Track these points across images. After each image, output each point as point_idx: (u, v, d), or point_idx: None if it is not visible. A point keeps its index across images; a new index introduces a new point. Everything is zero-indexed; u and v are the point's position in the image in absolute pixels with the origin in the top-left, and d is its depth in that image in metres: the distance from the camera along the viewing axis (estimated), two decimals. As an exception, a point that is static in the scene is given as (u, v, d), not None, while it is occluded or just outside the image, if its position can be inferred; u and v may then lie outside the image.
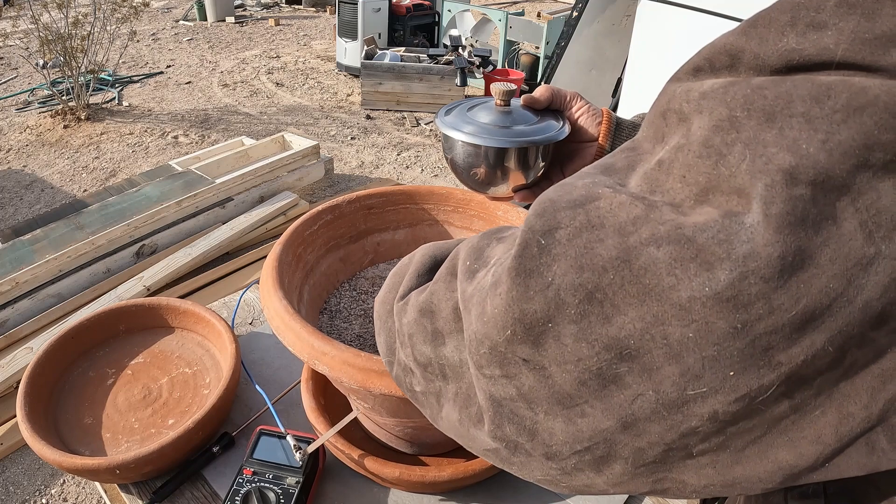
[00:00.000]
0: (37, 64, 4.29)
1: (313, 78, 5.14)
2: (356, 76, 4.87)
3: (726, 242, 0.22)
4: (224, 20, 7.04)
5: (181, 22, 6.99)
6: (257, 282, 0.69)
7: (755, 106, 0.23)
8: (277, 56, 5.75)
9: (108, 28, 4.12)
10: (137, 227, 2.45)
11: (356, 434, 0.74)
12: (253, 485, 0.65)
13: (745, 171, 0.22)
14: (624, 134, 0.63)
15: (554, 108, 0.66)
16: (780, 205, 0.21)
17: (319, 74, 5.23)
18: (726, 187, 0.23)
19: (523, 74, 4.51)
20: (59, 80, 4.33)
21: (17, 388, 0.74)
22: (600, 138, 0.63)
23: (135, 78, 5.02)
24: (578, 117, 0.65)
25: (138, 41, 5.92)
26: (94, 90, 4.53)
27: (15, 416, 1.56)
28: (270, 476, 0.66)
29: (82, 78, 4.05)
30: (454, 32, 4.54)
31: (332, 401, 0.76)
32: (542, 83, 3.04)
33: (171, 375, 0.81)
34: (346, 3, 4.73)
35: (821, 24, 0.22)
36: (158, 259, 2.43)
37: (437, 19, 5.17)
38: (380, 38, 4.82)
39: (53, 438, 0.70)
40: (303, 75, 5.20)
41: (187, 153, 3.57)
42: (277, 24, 6.97)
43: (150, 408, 0.77)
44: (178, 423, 0.74)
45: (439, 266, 0.40)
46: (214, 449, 0.72)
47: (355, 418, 0.68)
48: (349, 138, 3.98)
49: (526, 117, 0.63)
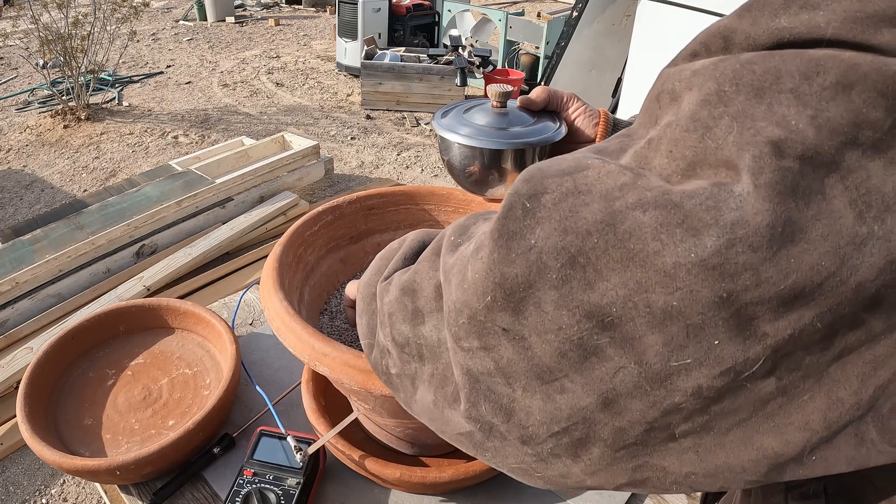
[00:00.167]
0: (37, 64, 4.29)
1: (313, 78, 5.14)
2: (356, 76, 4.87)
3: (714, 209, 0.21)
4: (224, 20, 7.04)
5: (181, 22, 6.99)
6: (257, 282, 0.69)
7: (744, 81, 0.23)
8: (277, 56, 5.75)
9: (108, 28, 4.12)
10: (137, 227, 2.45)
11: (357, 435, 0.73)
12: (253, 486, 0.65)
13: (733, 143, 0.22)
14: None
15: (550, 110, 0.66)
16: (769, 174, 0.21)
17: (319, 74, 5.23)
18: (713, 160, 0.23)
19: (523, 74, 4.51)
20: (59, 80, 4.33)
21: (17, 388, 0.74)
22: (597, 139, 0.63)
23: (135, 78, 5.02)
24: (575, 118, 0.65)
25: (138, 41, 5.92)
26: (94, 90, 4.53)
27: (15, 417, 1.56)
28: (271, 477, 0.66)
29: (82, 78, 4.05)
30: (454, 32, 4.54)
31: (332, 402, 0.76)
32: (542, 83, 3.04)
33: (172, 376, 0.81)
34: (346, 3, 4.73)
35: (814, 5, 0.22)
36: (158, 259, 2.43)
37: (437, 19, 5.17)
38: (380, 38, 4.81)
39: (53, 439, 0.70)
40: (303, 75, 5.20)
41: (187, 153, 3.57)
42: (277, 24, 6.97)
43: (150, 408, 0.77)
44: (179, 424, 0.74)
45: None
46: (215, 450, 0.72)
47: (356, 419, 0.68)
48: (349, 138, 3.98)
49: (522, 119, 0.63)
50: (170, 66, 5.39)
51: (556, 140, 0.61)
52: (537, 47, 4.71)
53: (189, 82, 4.97)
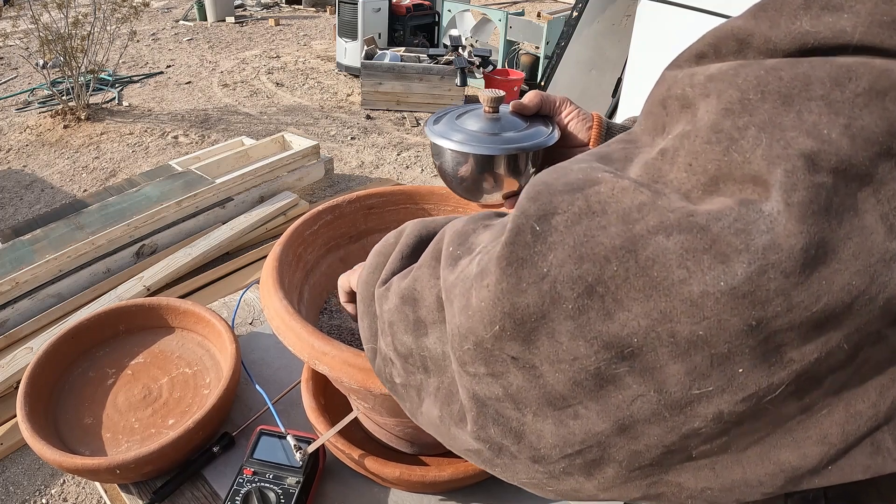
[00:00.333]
0: (37, 64, 4.29)
1: (313, 78, 5.14)
2: (356, 76, 4.86)
3: (744, 232, 0.20)
4: (224, 20, 7.04)
5: (181, 22, 6.99)
6: (257, 282, 0.69)
7: (770, 88, 0.21)
8: (277, 56, 5.75)
9: (108, 28, 4.12)
10: (137, 227, 2.45)
11: (356, 434, 0.73)
12: (253, 485, 0.65)
13: (761, 157, 0.21)
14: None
15: (543, 114, 0.65)
16: (803, 192, 0.19)
17: (319, 74, 5.23)
18: (739, 175, 0.21)
19: (523, 74, 4.51)
20: (59, 80, 4.33)
21: (17, 388, 0.74)
22: (591, 143, 0.63)
23: (135, 78, 5.02)
24: (568, 122, 0.64)
25: (138, 41, 5.91)
26: (94, 90, 4.53)
27: (15, 416, 1.56)
28: (271, 476, 0.66)
29: (82, 78, 4.05)
30: (454, 32, 4.54)
31: (332, 401, 0.76)
32: (542, 83, 3.04)
33: (172, 375, 0.81)
34: (346, 3, 4.73)
35: (836, 7, 0.21)
36: (158, 259, 2.43)
37: (437, 19, 5.17)
38: (380, 38, 4.81)
39: (53, 438, 0.70)
40: (303, 75, 5.20)
41: (187, 153, 3.57)
42: (277, 24, 6.96)
43: (150, 408, 0.77)
44: (179, 423, 0.74)
45: (426, 246, 0.37)
46: (215, 449, 0.72)
47: (355, 418, 0.68)
48: (349, 138, 3.98)
49: (515, 124, 0.63)
50: (170, 66, 5.39)
51: (550, 144, 0.61)
52: (537, 47, 4.71)
53: (189, 82, 4.97)
